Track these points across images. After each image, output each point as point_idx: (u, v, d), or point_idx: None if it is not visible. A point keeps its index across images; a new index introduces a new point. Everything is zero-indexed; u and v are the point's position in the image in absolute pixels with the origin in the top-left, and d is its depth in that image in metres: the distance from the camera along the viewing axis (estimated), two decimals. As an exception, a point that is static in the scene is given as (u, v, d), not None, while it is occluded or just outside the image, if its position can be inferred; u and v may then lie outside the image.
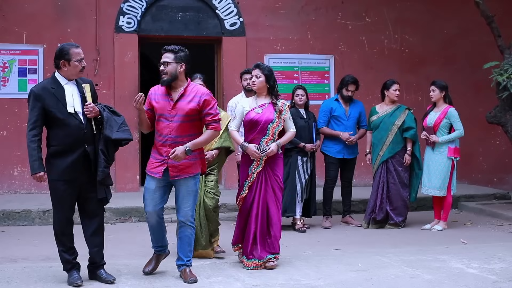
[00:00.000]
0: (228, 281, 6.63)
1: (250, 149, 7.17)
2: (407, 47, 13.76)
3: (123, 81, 12.52)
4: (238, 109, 7.49)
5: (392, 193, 9.91)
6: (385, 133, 9.85)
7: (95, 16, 12.52)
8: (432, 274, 6.94)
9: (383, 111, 9.99)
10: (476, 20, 11.98)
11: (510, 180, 14.03)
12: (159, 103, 6.57)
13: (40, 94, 6.31)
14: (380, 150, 9.90)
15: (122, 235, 9.48)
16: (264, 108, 7.29)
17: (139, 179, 12.71)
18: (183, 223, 6.61)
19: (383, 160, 9.88)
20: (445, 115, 9.74)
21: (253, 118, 7.26)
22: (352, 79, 10.33)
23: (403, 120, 9.82)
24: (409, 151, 9.84)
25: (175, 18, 12.83)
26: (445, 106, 9.81)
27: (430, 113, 9.92)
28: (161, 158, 6.52)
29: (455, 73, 13.38)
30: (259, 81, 7.31)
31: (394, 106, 9.98)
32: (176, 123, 6.47)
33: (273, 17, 13.24)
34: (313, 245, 8.64)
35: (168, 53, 6.60)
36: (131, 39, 12.64)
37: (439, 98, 9.82)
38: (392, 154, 9.85)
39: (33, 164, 6.32)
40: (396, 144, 9.84)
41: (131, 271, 6.99)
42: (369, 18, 13.66)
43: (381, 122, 9.92)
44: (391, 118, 9.88)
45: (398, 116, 9.86)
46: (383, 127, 9.90)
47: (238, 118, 7.44)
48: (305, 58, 13.31)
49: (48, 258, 7.97)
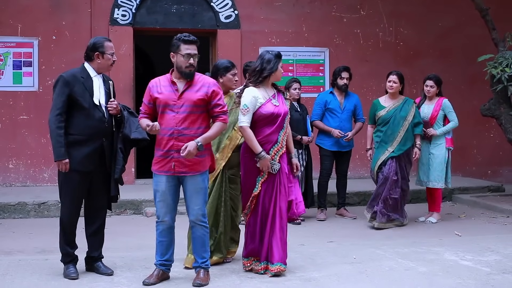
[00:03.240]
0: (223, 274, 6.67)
1: (266, 163, 6.50)
2: (402, 40, 13.76)
3: (118, 74, 12.47)
4: (250, 101, 6.57)
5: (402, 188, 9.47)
6: (397, 128, 9.41)
7: (89, 9, 12.50)
8: (426, 266, 6.97)
9: (390, 105, 9.56)
10: (471, 13, 12.00)
11: (504, 173, 14.07)
12: (162, 94, 6.18)
13: (69, 81, 6.33)
14: (389, 146, 9.41)
15: (117, 228, 9.48)
16: (276, 99, 6.69)
17: (134, 171, 12.72)
18: (194, 223, 6.30)
19: (393, 156, 9.39)
20: (440, 107, 9.74)
21: (274, 111, 6.58)
22: (343, 66, 10.31)
23: (413, 115, 9.48)
24: (418, 145, 9.56)
25: (170, 11, 12.82)
26: (438, 98, 9.83)
27: (423, 107, 9.83)
28: (167, 153, 6.16)
29: (449, 66, 13.40)
30: None
31: (401, 99, 9.57)
32: (183, 114, 6.13)
33: (268, 10, 13.23)
34: (308, 237, 8.67)
35: (194, 45, 6.23)
36: (126, 32, 12.62)
37: (433, 94, 9.80)
38: (403, 151, 9.42)
39: (59, 151, 6.31)
40: (407, 140, 9.45)
41: (127, 264, 6.99)
42: (364, 11, 13.66)
43: (392, 117, 9.45)
44: (401, 113, 9.46)
45: (409, 111, 9.48)
46: (394, 122, 9.44)
47: (251, 112, 6.58)
48: (300, 51, 13.30)
49: (44, 251, 7.99)
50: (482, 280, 6.42)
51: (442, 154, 9.73)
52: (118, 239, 8.67)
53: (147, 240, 7.98)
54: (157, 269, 6.32)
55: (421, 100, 9.94)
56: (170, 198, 6.24)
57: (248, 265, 6.73)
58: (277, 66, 6.66)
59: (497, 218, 10.16)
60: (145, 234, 8.65)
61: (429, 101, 9.86)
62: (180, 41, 6.22)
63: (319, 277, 6.54)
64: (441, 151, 9.73)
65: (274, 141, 6.59)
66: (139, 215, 10.55)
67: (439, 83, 9.81)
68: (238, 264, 6.96)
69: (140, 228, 9.46)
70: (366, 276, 6.57)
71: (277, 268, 6.52)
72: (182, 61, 6.17)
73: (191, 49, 6.19)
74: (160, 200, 6.23)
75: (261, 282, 6.34)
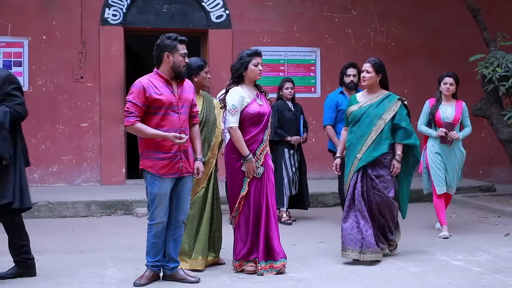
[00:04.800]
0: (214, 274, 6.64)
1: (252, 166, 6.50)
2: (393, 40, 13.77)
3: (109, 74, 12.48)
4: (238, 101, 6.56)
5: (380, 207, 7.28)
6: (368, 129, 7.31)
7: (80, 9, 12.46)
8: (418, 266, 6.97)
9: (366, 100, 7.50)
10: (462, 13, 12.02)
11: (495, 173, 14.09)
12: (163, 95, 6.08)
13: None
14: (358, 152, 7.29)
15: (108, 228, 9.47)
16: (260, 98, 6.69)
17: (125, 171, 12.69)
18: (182, 223, 6.33)
19: (360, 166, 7.28)
20: (462, 109, 8.89)
21: (260, 111, 6.59)
22: (349, 63, 9.65)
23: (393, 114, 7.36)
24: (398, 156, 7.33)
25: (161, 11, 12.79)
26: (455, 100, 8.92)
27: (442, 107, 8.81)
28: (174, 155, 6.10)
29: (441, 66, 13.34)
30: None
31: (381, 94, 7.47)
32: (184, 114, 6.19)
33: (259, 10, 13.22)
34: (299, 237, 8.65)
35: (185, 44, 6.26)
36: (117, 32, 12.59)
37: (452, 93, 8.87)
38: (372, 158, 7.25)
39: None
40: (381, 144, 7.28)
41: (117, 264, 6.97)
42: (355, 11, 13.66)
43: (364, 115, 7.40)
44: (377, 109, 7.36)
45: (387, 109, 7.36)
46: (366, 121, 7.36)
47: (239, 112, 6.56)
48: (291, 50, 13.29)
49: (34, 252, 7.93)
50: (473, 280, 6.42)
51: (462, 159, 8.99)
52: (109, 240, 8.64)
53: (137, 241, 7.95)
54: (148, 270, 6.27)
55: (437, 101, 8.91)
56: (168, 200, 6.21)
57: (238, 267, 6.69)
58: (247, 65, 6.64)
59: (488, 218, 10.17)
60: (135, 235, 8.62)
61: (446, 101, 8.87)
62: (176, 41, 6.20)
63: (310, 277, 6.52)
64: (460, 155, 8.93)
65: (260, 141, 6.62)
66: (130, 216, 10.51)
67: (458, 81, 8.90)
68: (229, 264, 6.93)
69: (131, 228, 9.43)
70: (357, 276, 6.56)
71: (282, 264, 6.59)
72: (181, 61, 6.18)
73: (185, 49, 6.23)
74: (161, 203, 6.15)
75: (252, 282, 6.32)
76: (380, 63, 7.56)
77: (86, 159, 12.55)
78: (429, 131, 8.88)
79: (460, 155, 8.95)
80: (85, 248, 8.14)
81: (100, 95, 12.44)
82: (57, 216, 10.41)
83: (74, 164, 12.50)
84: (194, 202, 6.77)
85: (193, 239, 6.82)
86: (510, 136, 10.89)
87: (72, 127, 12.47)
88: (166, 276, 6.35)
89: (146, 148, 6.16)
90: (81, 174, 12.53)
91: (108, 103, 12.48)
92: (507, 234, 8.83)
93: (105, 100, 12.47)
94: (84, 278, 6.44)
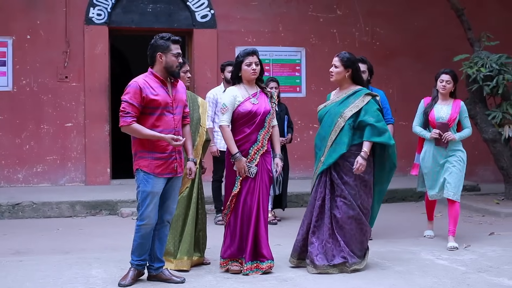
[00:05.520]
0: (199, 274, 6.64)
1: (241, 165, 6.51)
2: (378, 40, 13.80)
3: (93, 74, 12.43)
4: (229, 100, 6.62)
5: (344, 216, 6.70)
6: (329, 129, 6.81)
7: (64, 8, 12.40)
8: (402, 265, 6.98)
9: (335, 97, 7.04)
10: (447, 13, 12.08)
11: (480, 172, 14.13)
12: (159, 96, 6.08)
13: None
14: (322, 155, 6.83)
15: (92, 229, 9.43)
16: (257, 97, 6.69)
17: (109, 172, 12.65)
18: (167, 222, 6.35)
19: (323, 169, 6.80)
20: (459, 109, 8.21)
21: (251, 110, 6.59)
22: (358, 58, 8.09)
23: (356, 110, 6.74)
24: (364, 153, 6.65)
25: (145, 10, 12.75)
26: (452, 100, 8.28)
27: (436, 107, 8.20)
28: (169, 155, 6.11)
29: (425, 65, 13.43)
30: (258, 69, 6.71)
31: (350, 90, 6.91)
32: (178, 115, 6.22)
33: (244, 9, 13.21)
34: (284, 237, 8.64)
35: (179, 44, 6.23)
36: (102, 31, 12.54)
37: (449, 91, 8.24)
38: (332, 160, 6.72)
39: None
40: (341, 145, 6.71)
41: (102, 264, 6.95)
42: (340, 11, 13.67)
43: (326, 114, 6.92)
44: (339, 107, 6.83)
45: (349, 105, 6.78)
46: (328, 121, 6.87)
47: (230, 111, 6.61)
48: (276, 50, 13.29)
49: (18, 252, 7.91)
50: (458, 279, 6.45)
51: (462, 161, 8.22)
52: (93, 240, 8.62)
53: (122, 241, 7.94)
54: (132, 269, 6.25)
55: (433, 100, 8.29)
56: (158, 201, 6.19)
57: (224, 265, 6.69)
58: (240, 66, 6.68)
59: (473, 217, 10.21)
60: (120, 235, 8.61)
61: (443, 100, 8.24)
62: (169, 41, 6.17)
63: (295, 277, 6.53)
64: (459, 157, 8.17)
65: (254, 140, 6.61)
66: (115, 216, 10.47)
67: (455, 79, 8.27)
68: (214, 264, 6.93)
69: (116, 228, 9.40)
70: (342, 275, 6.56)
71: (268, 266, 6.60)
72: (174, 61, 6.16)
73: (179, 49, 6.21)
74: (152, 202, 6.12)
75: (237, 282, 6.32)
76: (350, 58, 6.91)
77: (70, 159, 12.49)
78: (423, 132, 8.27)
79: (458, 157, 8.17)
80: (69, 248, 8.11)
81: (85, 95, 12.39)
82: (41, 216, 10.37)
83: (58, 164, 12.45)
84: (179, 202, 6.75)
85: (178, 239, 6.81)
86: (495, 135, 10.95)
87: (56, 127, 12.42)
88: (151, 276, 6.34)
89: (141, 148, 6.13)
90: (65, 174, 12.48)
91: (92, 103, 12.44)
92: (492, 233, 8.89)
93: (89, 100, 12.42)
94: (69, 279, 6.40)
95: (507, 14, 13.96)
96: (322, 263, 6.63)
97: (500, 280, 6.41)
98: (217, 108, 9.47)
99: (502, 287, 6.20)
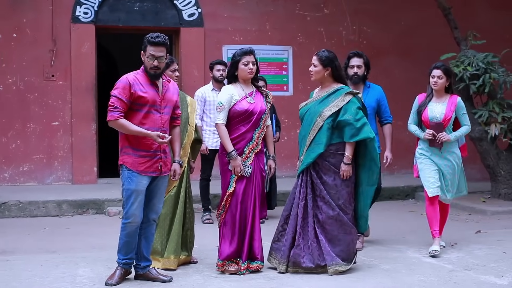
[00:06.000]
0: (186, 273, 6.62)
1: (237, 163, 6.48)
2: (365, 39, 13.81)
3: (80, 72, 12.38)
4: (225, 99, 6.59)
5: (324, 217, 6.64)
6: (308, 128, 6.77)
7: (51, 6, 12.34)
8: (389, 263, 7.00)
9: (316, 96, 6.97)
10: (434, 11, 12.11)
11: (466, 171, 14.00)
12: (148, 93, 6.05)
13: None
14: (301, 154, 6.82)
15: (79, 228, 9.40)
16: (253, 96, 6.68)
17: (96, 171, 12.61)
18: (153, 221, 6.34)
19: (302, 168, 6.78)
20: (455, 106, 7.64)
21: (248, 109, 6.56)
22: (353, 52, 8.20)
23: (336, 110, 6.65)
24: (346, 158, 6.61)
25: (132, 9, 12.71)
26: (449, 96, 7.73)
27: (431, 105, 7.69)
28: (154, 154, 6.11)
29: (412, 64, 13.47)
30: (255, 68, 6.72)
31: (331, 89, 6.81)
32: (167, 115, 6.19)
33: (231, 8, 13.20)
34: (271, 235, 8.61)
35: (161, 46, 6.09)
36: (88, 30, 12.49)
37: (443, 87, 7.69)
38: (311, 160, 6.68)
39: None
40: (317, 144, 6.68)
41: (89, 264, 6.94)
42: (327, 10, 13.68)
43: (307, 112, 6.88)
44: (319, 106, 6.77)
45: (329, 104, 6.70)
46: (307, 120, 6.83)
47: (227, 109, 6.59)
48: (263, 49, 13.28)
49: (4, 252, 7.86)
50: (445, 277, 6.47)
51: (459, 164, 7.81)
52: (80, 239, 8.59)
53: (109, 240, 7.91)
54: (119, 268, 6.24)
55: (427, 98, 7.79)
56: (142, 199, 6.17)
57: (222, 267, 6.61)
58: (237, 65, 6.67)
59: (459, 216, 10.24)
60: (107, 234, 8.58)
61: (438, 98, 7.72)
62: (147, 41, 6.11)
63: (283, 275, 6.54)
64: (454, 160, 7.71)
65: (249, 139, 6.60)
66: (102, 215, 10.45)
67: (448, 73, 7.70)
68: (202, 263, 6.93)
69: (103, 228, 9.37)
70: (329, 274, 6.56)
71: (257, 266, 6.63)
72: (147, 62, 6.11)
73: (156, 51, 6.07)
74: (137, 200, 6.10)
75: (225, 281, 6.32)
76: (328, 56, 6.80)
77: (57, 158, 12.45)
78: (418, 132, 7.79)
79: (453, 159, 7.72)
80: (56, 247, 8.08)
81: (72, 93, 12.33)
82: (28, 215, 10.33)
83: (45, 163, 12.40)
84: (167, 200, 6.76)
85: (166, 238, 6.80)
86: (481, 134, 10.99)
87: (43, 126, 12.37)
88: (138, 275, 6.33)
89: (127, 143, 6.12)
90: (52, 173, 12.44)
91: (79, 101, 12.39)
92: (478, 231, 8.92)
93: (76, 98, 12.38)
94: (56, 278, 6.39)
95: (494, 13, 14.00)
96: (308, 264, 6.60)
97: (486, 278, 6.44)
98: (206, 106, 9.47)
99: (489, 285, 6.23)
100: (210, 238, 7.76)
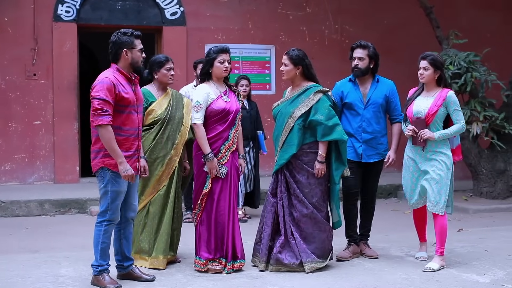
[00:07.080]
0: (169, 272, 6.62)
1: (213, 165, 6.43)
2: (348, 37, 13.83)
3: (62, 71, 12.34)
4: (202, 98, 6.51)
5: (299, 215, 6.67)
6: (281, 129, 6.73)
7: (32, 5, 12.29)
8: (372, 262, 7.03)
9: (288, 95, 6.87)
10: (416, 11, 12.17)
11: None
12: (129, 94, 5.95)
13: None
14: (276, 154, 6.83)
15: (62, 227, 9.37)
16: (227, 95, 6.64)
17: (78, 170, 12.57)
18: (132, 220, 6.28)
19: (276, 169, 6.78)
20: (443, 101, 6.81)
21: (225, 108, 6.53)
22: (356, 43, 7.55)
23: (306, 110, 6.61)
24: (319, 156, 6.59)
25: (114, 7, 12.69)
26: (440, 90, 6.93)
27: (418, 99, 6.98)
28: (133, 154, 6.03)
29: (394, 63, 13.48)
30: (230, 67, 6.65)
31: (302, 88, 6.75)
32: (140, 114, 6.14)
33: (214, 7, 13.20)
34: (254, 235, 8.64)
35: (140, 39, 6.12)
36: (70, 28, 12.45)
37: (431, 80, 6.96)
38: (284, 161, 6.68)
39: None
40: (289, 145, 6.67)
41: (71, 263, 6.91)
42: (310, 8, 13.71)
43: (278, 113, 6.83)
44: (289, 106, 6.72)
45: (299, 104, 6.66)
46: (280, 120, 6.79)
47: (204, 108, 6.51)
48: (246, 48, 13.28)
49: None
50: (427, 275, 6.51)
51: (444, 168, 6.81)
52: (63, 239, 8.57)
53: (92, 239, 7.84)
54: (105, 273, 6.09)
55: (416, 91, 7.13)
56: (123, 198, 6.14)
57: (204, 266, 6.59)
58: (213, 63, 6.61)
59: (442, 214, 10.27)
60: (90, 233, 8.47)
61: (428, 91, 6.98)
62: (132, 36, 6.06)
63: (265, 274, 6.55)
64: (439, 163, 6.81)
65: (226, 138, 6.58)
66: (84, 214, 10.42)
67: (437, 65, 6.91)
68: (185, 262, 6.92)
69: (85, 227, 9.32)
70: (313, 272, 6.57)
71: (240, 265, 6.64)
72: (139, 56, 6.08)
73: (141, 44, 6.13)
74: (120, 201, 6.05)
75: (208, 280, 6.31)
76: (298, 54, 6.72)
77: (39, 157, 12.40)
78: (403, 127, 7.12)
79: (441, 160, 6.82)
80: (38, 247, 8.06)
81: (53, 92, 12.29)
82: (9, 215, 10.28)
83: (27, 163, 12.35)
84: (156, 200, 6.74)
85: (153, 237, 6.77)
86: (463, 133, 11.01)
87: (24, 125, 12.32)
88: (121, 274, 6.31)
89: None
90: (34, 173, 12.38)
91: (61, 100, 12.35)
92: (460, 229, 8.97)
93: (58, 97, 12.33)
94: (38, 278, 6.36)
95: (476, 12, 14.10)
96: (291, 260, 6.62)
97: (468, 276, 6.48)
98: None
99: (471, 283, 6.26)
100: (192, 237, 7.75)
